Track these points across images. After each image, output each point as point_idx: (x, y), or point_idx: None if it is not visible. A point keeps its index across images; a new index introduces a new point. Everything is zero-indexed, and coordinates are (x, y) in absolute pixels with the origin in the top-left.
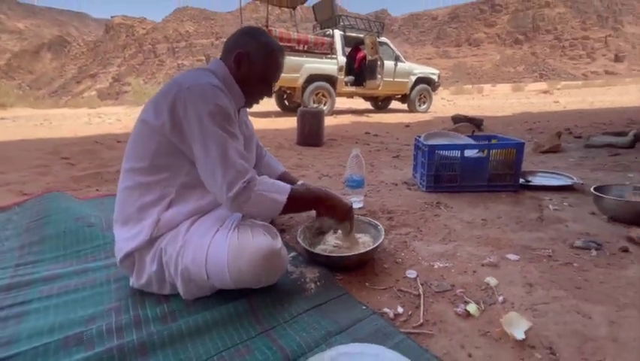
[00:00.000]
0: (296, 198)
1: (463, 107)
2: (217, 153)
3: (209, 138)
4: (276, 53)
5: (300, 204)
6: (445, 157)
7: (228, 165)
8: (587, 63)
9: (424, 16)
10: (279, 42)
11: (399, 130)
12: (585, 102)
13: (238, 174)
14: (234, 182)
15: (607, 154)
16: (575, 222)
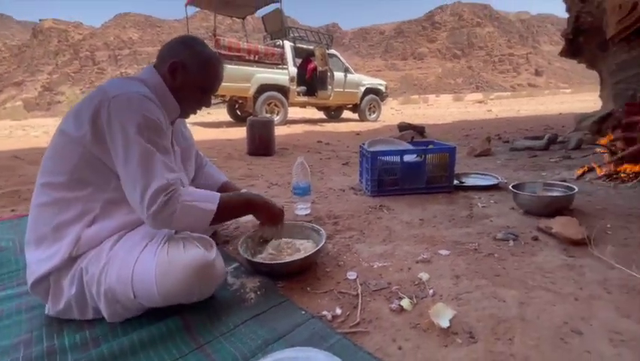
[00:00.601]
0: (226, 204)
1: (410, 116)
2: (139, 167)
3: (132, 151)
4: (213, 62)
5: (231, 211)
6: (387, 162)
7: (151, 178)
8: (514, 77)
9: (372, 31)
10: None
11: (350, 138)
12: (513, 111)
13: (160, 188)
14: (156, 198)
15: (527, 156)
16: (498, 217)
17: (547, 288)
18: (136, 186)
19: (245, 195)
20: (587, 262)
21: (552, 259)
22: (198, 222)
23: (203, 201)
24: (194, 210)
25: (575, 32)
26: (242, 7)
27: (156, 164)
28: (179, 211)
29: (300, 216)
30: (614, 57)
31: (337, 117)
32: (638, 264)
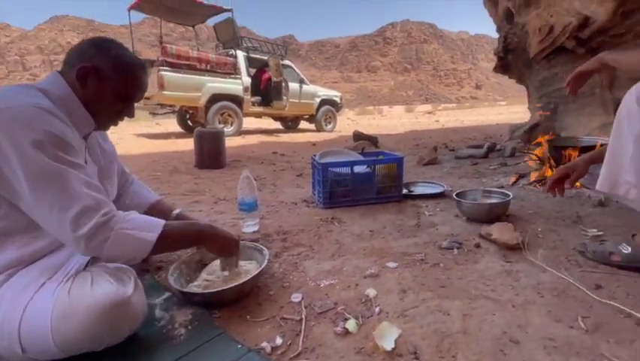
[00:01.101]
0: (171, 235)
1: (365, 127)
2: (52, 187)
3: (37, 172)
4: (134, 67)
5: (176, 242)
6: (338, 174)
7: (71, 198)
8: (458, 90)
9: (328, 44)
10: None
11: (305, 149)
12: (458, 121)
13: (86, 208)
14: (82, 218)
15: (469, 164)
16: (443, 225)
17: (487, 296)
18: (52, 210)
19: (194, 226)
20: (522, 266)
21: (492, 266)
22: (134, 252)
23: (143, 229)
24: (130, 239)
25: (505, 51)
26: (191, 15)
27: (72, 182)
28: (113, 239)
29: (248, 233)
30: (538, 74)
31: (294, 128)
32: (566, 266)
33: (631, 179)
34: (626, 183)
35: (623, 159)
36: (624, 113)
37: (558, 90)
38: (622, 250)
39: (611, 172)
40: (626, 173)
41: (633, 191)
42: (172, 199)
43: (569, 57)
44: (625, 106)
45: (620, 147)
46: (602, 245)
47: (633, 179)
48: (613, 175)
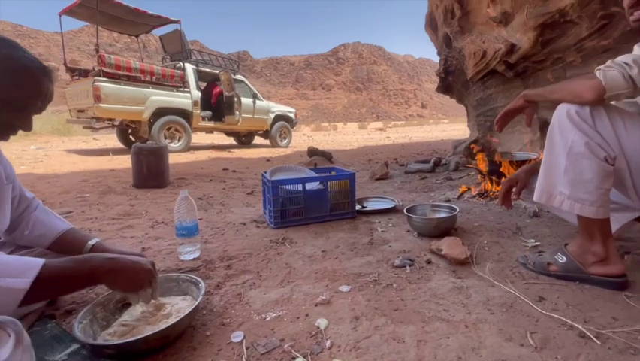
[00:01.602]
0: (54, 278)
1: (320, 142)
2: None
3: None
4: (29, 71)
5: (64, 285)
6: (290, 191)
7: None
8: (406, 108)
9: (283, 61)
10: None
11: (259, 165)
12: (407, 137)
13: None
14: None
15: (418, 178)
16: (396, 241)
17: (441, 317)
18: None
19: (88, 263)
20: (472, 282)
21: (444, 283)
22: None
23: (9, 274)
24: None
25: (445, 73)
26: (134, 24)
27: None
28: None
29: (186, 261)
30: (475, 94)
31: (248, 143)
32: (512, 279)
33: (565, 190)
34: (560, 194)
35: (556, 171)
36: (556, 127)
37: (492, 109)
38: (558, 260)
39: (547, 184)
40: (560, 185)
41: (567, 202)
42: (99, 225)
43: (500, 80)
44: (556, 121)
45: (553, 160)
46: (540, 256)
47: (567, 190)
48: (548, 187)
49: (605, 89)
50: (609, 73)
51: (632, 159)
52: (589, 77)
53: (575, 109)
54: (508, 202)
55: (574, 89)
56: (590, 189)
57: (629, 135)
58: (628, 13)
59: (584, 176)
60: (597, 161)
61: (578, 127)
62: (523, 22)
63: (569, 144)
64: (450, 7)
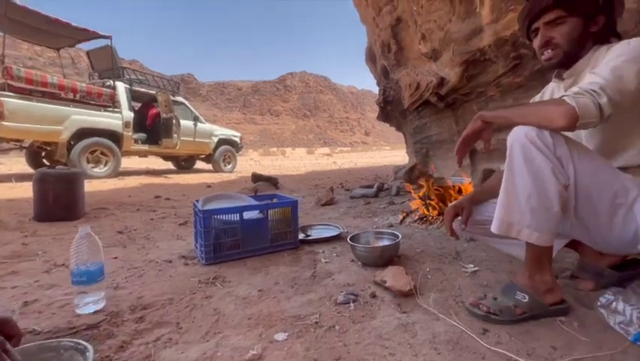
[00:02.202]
0: None
1: (267, 167)
2: None
3: None
4: None
5: None
6: (225, 222)
7: None
8: (351, 135)
9: (230, 86)
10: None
11: (199, 191)
12: (352, 162)
13: None
14: None
15: (363, 203)
16: (340, 273)
17: None
18: None
19: None
20: (417, 316)
21: (389, 320)
22: None
23: None
24: None
25: (384, 102)
26: (53, 36)
27: None
28: None
29: (84, 316)
30: (411, 123)
31: (189, 168)
32: (455, 310)
33: (525, 219)
34: (519, 224)
35: (518, 199)
36: (518, 152)
37: (428, 137)
38: (521, 300)
39: (506, 214)
40: (520, 213)
41: (525, 231)
42: None
43: (433, 109)
44: (517, 145)
45: (515, 187)
46: (498, 301)
47: (527, 219)
48: (508, 217)
49: (578, 116)
50: (581, 100)
51: (581, 187)
52: (558, 102)
53: (536, 133)
54: (454, 232)
55: (545, 114)
56: (551, 217)
57: (580, 163)
58: (539, 53)
59: (547, 203)
60: (560, 187)
61: (541, 152)
62: (451, 58)
63: (535, 169)
64: (387, 42)
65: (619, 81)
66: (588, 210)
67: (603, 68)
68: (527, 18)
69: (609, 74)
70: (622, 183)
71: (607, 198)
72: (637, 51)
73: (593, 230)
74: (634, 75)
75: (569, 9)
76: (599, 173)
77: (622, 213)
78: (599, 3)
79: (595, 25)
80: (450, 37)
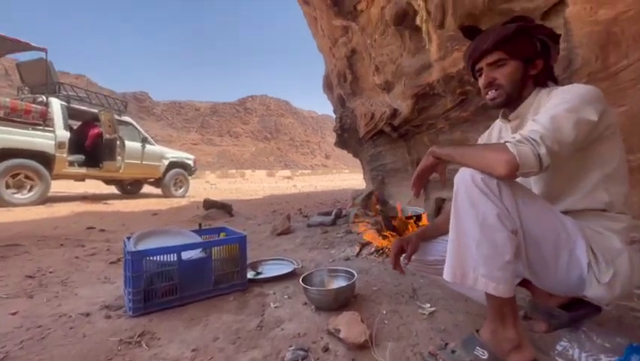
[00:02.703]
0: None
1: (224, 191)
2: None
3: None
4: None
5: None
6: (159, 264)
7: None
8: (312, 158)
9: (187, 106)
10: None
11: (142, 220)
12: (312, 186)
13: None
14: None
15: (320, 232)
16: (290, 322)
17: None
18: None
19: None
20: None
21: None
22: None
23: None
24: None
25: (341, 129)
26: None
27: None
28: None
29: None
30: (367, 151)
31: (135, 193)
32: None
33: (479, 268)
34: (474, 271)
35: (468, 246)
36: (464, 196)
37: (383, 165)
38: (480, 356)
39: (459, 261)
40: (473, 261)
41: (482, 280)
42: None
43: (388, 139)
44: (462, 189)
45: (463, 233)
46: (456, 354)
47: (481, 268)
48: (461, 264)
49: (519, 165)
50: (522, 149)
51: (528, 232)
52: (500, 148)
53: (481, 176)
54: (399, 267)
55: (486, 160)
56: (504, 266)
57: (525, 208)
58: (483, 92)
59: (497, 250)
60: (508, 234)
61: (487, 197)
62: (403, 91)
63: (481, 216)
64: (342, 72)
65: (558, 132)
66: (535, 255)
67: (543, 116)
68: (470, 58)
69: (549, 123)
70: (564, 227)
71: (551, 243)
72: (576, 100)
73: (540, 273)
74: (572, 126)
75: (509, 52)
76: (542, 218)
77: (565, 257)
78: (536, 48)
79: (534, 68)
80: (402, 70)
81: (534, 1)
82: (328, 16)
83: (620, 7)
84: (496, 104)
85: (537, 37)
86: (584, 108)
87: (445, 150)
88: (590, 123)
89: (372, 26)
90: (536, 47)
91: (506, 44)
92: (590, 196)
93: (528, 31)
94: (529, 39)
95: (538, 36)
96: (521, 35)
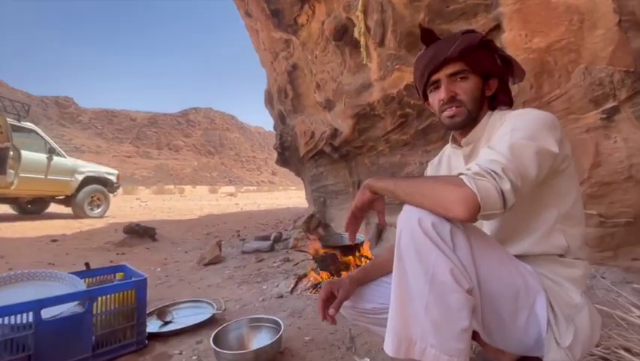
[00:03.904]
0: None
1: (155, 210)
2: None
3: None
4: None
5: None
6: (9, 327)
7: None
8: (258, 175)
9: (121, 115)
10: None
11: (33, 250)
12: (255, 204)
13: None
14: None
15: (255, 260)
16: None
17: None
18: None
19: None
20: None
21: None
22: None
23: None
24: None
25: (282, 147)
26: None
27: None
28: None
29: None
30: (309, 171)
31: (38, 213)
32: None
33: (428, 336)
34: (421, 340)
35: (413, 308)
36: (409, 246)
37: (324, 186)
38: None
39: (403, 327)
40: (420, 327)
41: (430, 352)
42: None
43: (329, 159)
44: (408, 236)
45: (407, 290)
46: None
47: (430, 336)
48: (406, 331)
49: (480, 206)
50: (482, 184)
51: (485, 290)
52: (455, 182)
53: (432, 221)
54: (329, 316)
55: (439, 199)
56: (459, 335)
57: (483, 262)
58: (439, 110)
59: (451, 315)
60: (464, 294)
61: (438, 248)
62: (343, 110)
63: (431, 271)
64: (283, 88)
65: (519, 164)
66: (490, 313)
67: (500, 143)
68: (428, 67)
69: (508, 152)
70: (523, 280)
71: (510, 300)
72: (534, 127)
73: (494, 331)
74: (533, 157)
75: (471, 65)
76: (502, 271)
77: (524, 315)
78: (497, 64)
79: (489, 88)
80: (342, 89)
81: (472, 24)
82: (268, 29)
83: (552, 37)
84: (455, 124)
85: (497, 53)
86: (543, 137)
87: (385, 182)
88: (550, 155)
89: (314, 41)
90: (496, 63)
91: (471, 55)
92: (546, 239)
93: (491, 45)
94: (491, 54)
95: (498, 52)
96: (485, 48)
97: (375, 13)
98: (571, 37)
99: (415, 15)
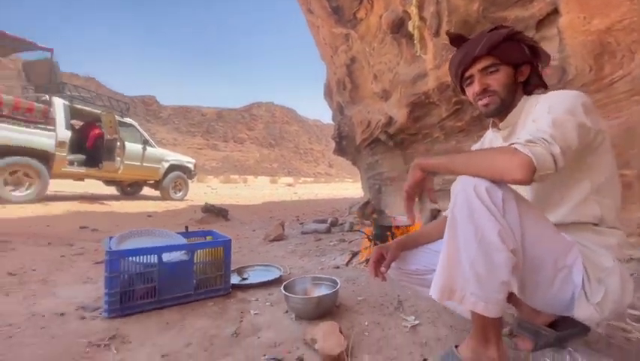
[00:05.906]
0: None
1: (224, 196)
2: None
3: None
4: None
5: None
6: (139, 265)
7: None
8: (315, 166)
9: (193, 110)
10: None
11: (136, 221)
12: (313, 194)
13: None
14: None
15: (313, 239)
16: (268, 329)
17: None
18: None
19: None
20: None
21: None
22: None
23: None
24: None
25: (340, 137)
26: None
27: None
28: None
29: None
30: (365, 159)
31: (135, 194)
32: None
33: (469, 286)
34: (462, 289)
35: (460, 263)
36: (463, 209)
37: (379, 174)
38: None
39: (448, 278)
40: (464, 279)
41: (470, 299)
42: None
43: (385, 147)
44: (463, 200)
45: (457, 250)
46: None
47: (472, 286)
48: (450, 282)
49: (535, 167)
50: (536, 150)
51: (528, 252)
52: (510, 151)
53: (486, 187)
54: (378, 273)
55: (497, 164)
56: (498, 287)
57: (529, 227)
58: (475, 100)
59: (494, 271)
60: (508, 253)
61: (490, 211)
62: (399, 99)
63: (481, 232)
64: (342, 80)
65: (563, 133)
66: (530, 273)
67: (543, 119)
68: (461, 65)
69: (552, 124)
70: (563, 245)
71: (550, 265)
72: (570, 103)
73: (531, 292)
74: (574, 129)
75: (500, 57)
76: (545, 237)
77: (562, 276)
78: (525, 53)
79: (521, 75)
80: (398, 79)
81: (528, 10)
82: (329, 24)
83: (614, 17)
84: (490, 111)
85: (525, 42)
86: (579, 112)
87: (437, 159)
88: (586, 128)
89: (372, 34)
90: (525, 52)
91: (498, 49)
92: (581, 208)
93: (516, 36)
94: (518, 44)
95: (525, 42)
96: (511, 41)
97: (432, 5)
98: (634, 16)
99: (469, 5)
